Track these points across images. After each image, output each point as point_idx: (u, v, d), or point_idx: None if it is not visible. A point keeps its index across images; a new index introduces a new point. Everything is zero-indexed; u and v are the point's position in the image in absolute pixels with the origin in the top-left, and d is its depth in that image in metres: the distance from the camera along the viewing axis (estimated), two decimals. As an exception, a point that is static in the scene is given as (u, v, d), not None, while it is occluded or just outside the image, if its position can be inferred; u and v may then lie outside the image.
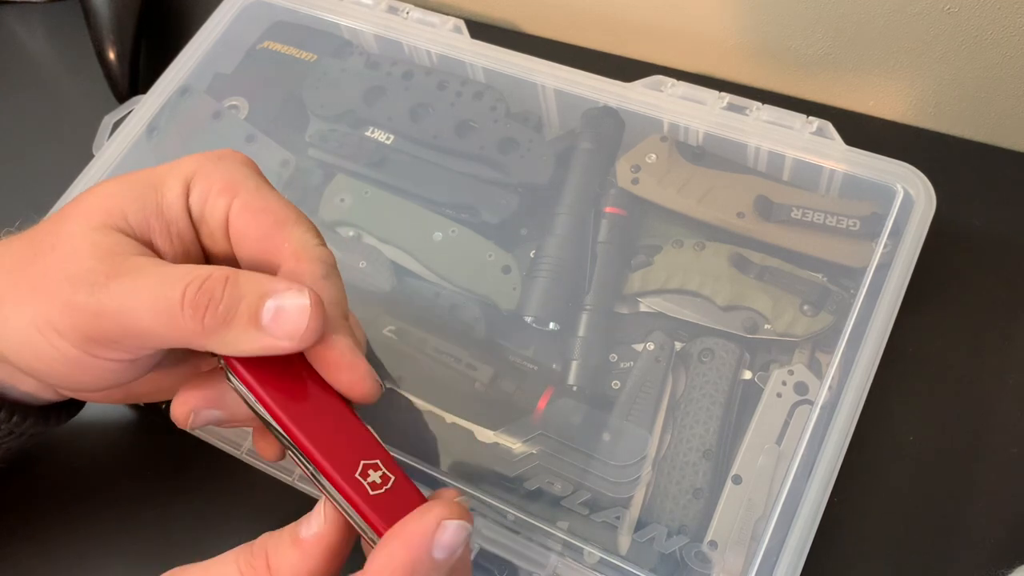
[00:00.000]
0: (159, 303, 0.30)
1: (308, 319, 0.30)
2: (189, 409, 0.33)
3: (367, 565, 0.29)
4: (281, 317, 0.30)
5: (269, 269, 0.33)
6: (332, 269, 0.33)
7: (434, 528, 0.28)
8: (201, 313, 0.30)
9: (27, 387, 0.36)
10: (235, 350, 0.31)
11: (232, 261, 0.34)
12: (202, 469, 0.44)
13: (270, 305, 0.30)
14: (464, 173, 0.47)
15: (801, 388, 0.40)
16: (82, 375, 0.33)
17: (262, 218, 0.33)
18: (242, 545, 0.31)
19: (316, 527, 0.30)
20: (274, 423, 0.31)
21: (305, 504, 0.40)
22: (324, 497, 0.31)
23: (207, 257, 0.35)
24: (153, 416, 0.41)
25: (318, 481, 0.31)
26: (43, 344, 0.31)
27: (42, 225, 0.34)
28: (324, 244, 0.33)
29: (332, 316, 0.31)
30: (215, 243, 0.34)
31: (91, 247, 0.31)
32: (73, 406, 0.41)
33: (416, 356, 0.43)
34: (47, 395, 0.37)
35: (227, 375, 0.32)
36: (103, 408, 0.46)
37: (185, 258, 0.33)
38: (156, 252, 0.33)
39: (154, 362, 0.34)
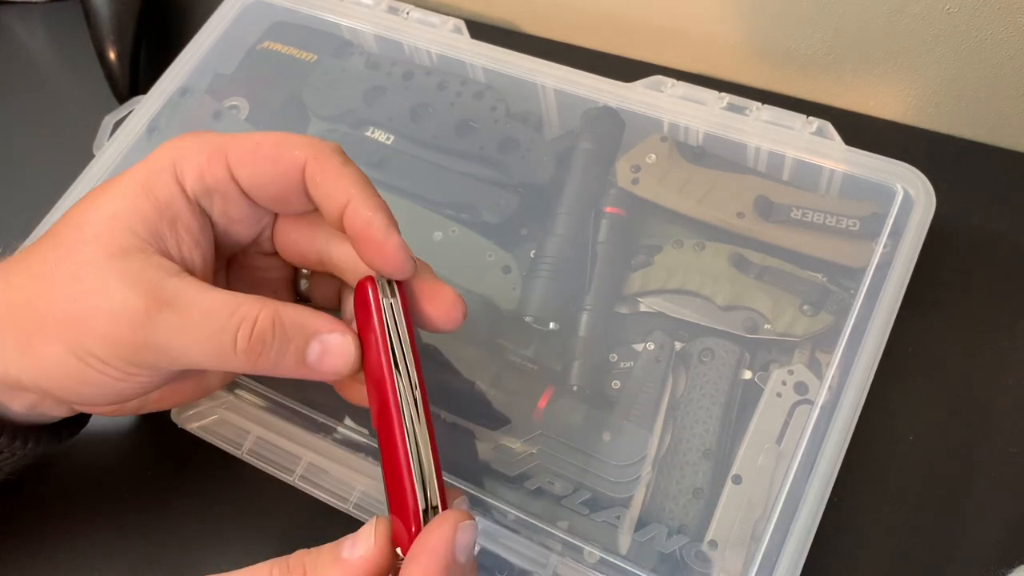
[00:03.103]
0: (210, 344, 0.31)
1: (349, 357, 0.32)
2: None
3: None
4: (325, 357, 0.32)
5: (298, 199, 0.34)
6: (346, 156, 0.34)
7: (454, 535, 0.30)
8: (254, 360, 0.32)
9: (43, 409, 0.36)
10: (280, 375, 0.33)
11: (254, 216, 0.35)
12: (202, 469, 0.44)
13: (315, 347, 0.32)
14: (464, 173, 0.47)
15: (801, 388, 0.40)
16: (124, 389, 0.33)
17: (264, 151, 0.33)
18: (276, 559, 0.31)
19: (363, 550, 0.30)
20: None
21: (305, 504, 0.40)
22: (375, 519, 0.31)
23: (227, 228, 0.35)
24: (154, 416, 0.41)
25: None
26: (88, 371, 0.32)
27: (45, 251, 0.33)
28: (326, 140, 0.34)
29: (365, 194, 0.33)
30: (234, 206, 0.34)
31: (119, 277, 0.31)
32: (81, 420, 0.41)
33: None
34: (58, 413, 0.37)
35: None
36: (103, 408, 0.46)
37: (196, 246, 0.34)
38: (172, 255, 0.33)
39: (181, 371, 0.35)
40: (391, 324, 0.32)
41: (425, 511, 0.31)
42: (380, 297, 0.33)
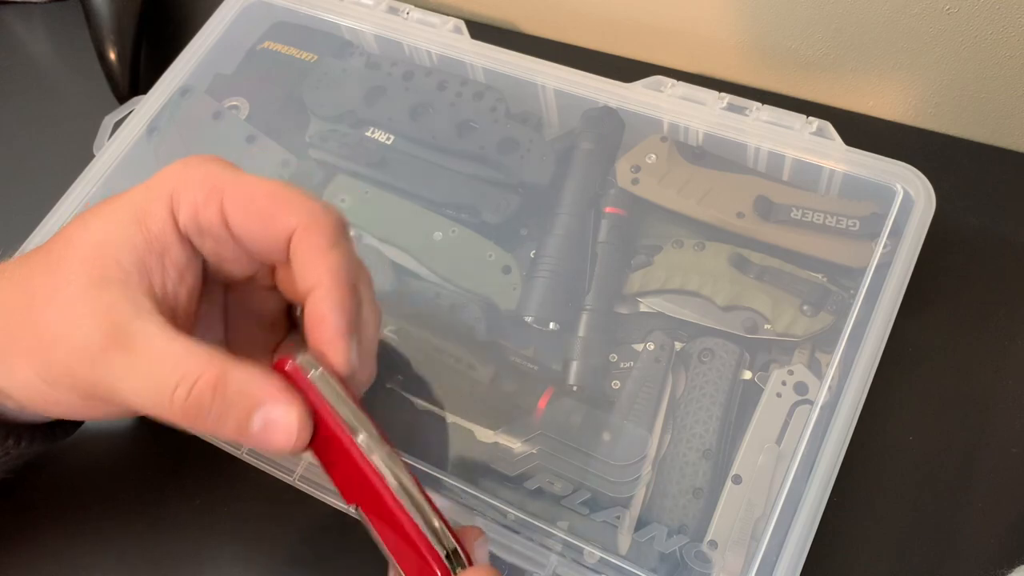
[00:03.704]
0: (150, 395, 0.30)
1: (291, 434, 0.30)
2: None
3: None
4: (269, 430, 0.30)
5: (282, 255, 0.33)
6: (341, 234, 0.32)
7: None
8: (191, 419, 0.30)
9: (32, 410, 0.36)
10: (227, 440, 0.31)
11: (247, 258, 0.34)
12: (202, 469, 0.44)
13: (257, 419, 0.30)
14: (464, 173, 0.47)
15: (801, 388, 0.40)
16: (92, 415, 0.34)
17: (258, 206, 0.32)
18: None
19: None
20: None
21: (305, 504, 0.40)
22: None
23: (220, 264, 0.34)
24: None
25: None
26: (55, 394, 0.32)
27: (35, 265, 0.33)
28: (329, 207, 0.33)
29: (334, 286, 0.31)
30: (226, 249, 0.34)
31: (89, 308, 0.31)
32: (75, 422, 0.41)
33: (416, 356, 0.43)
34: (52, 415, 0.37)
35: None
36: (103, 408, 0.46)
37: (181, 282, 0.33)
38: (155, 288, 0.32)
39: None
40: (328, 393, 0.31)
41: (448, 557, 0.30)
42: (305, 376, 0.31)
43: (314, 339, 0.32)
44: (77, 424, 0.41)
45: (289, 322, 0.39)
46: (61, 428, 0.40)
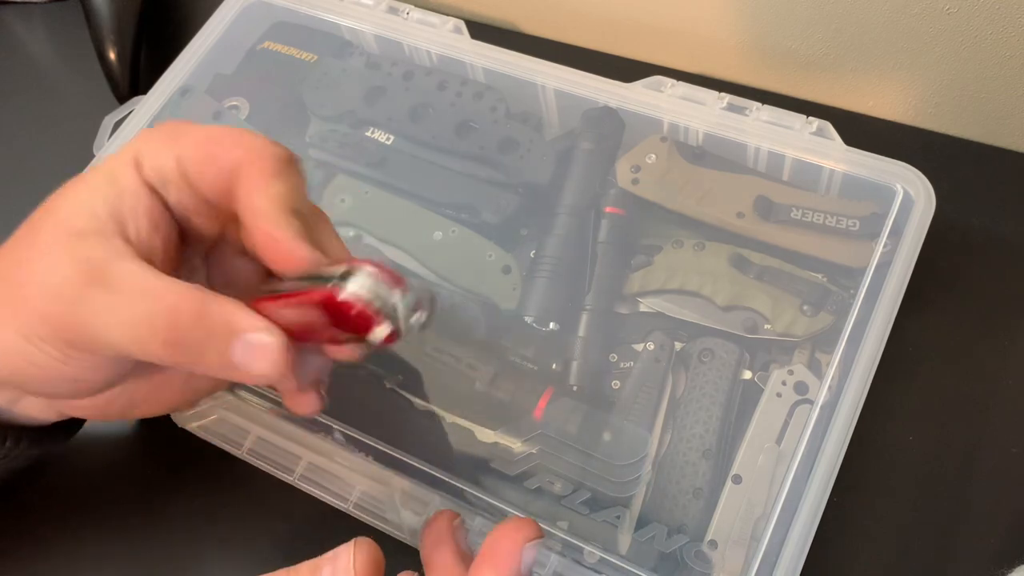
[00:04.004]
0: (132, 329, 0.30)
1: (273, 359, 0.31)
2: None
3: None
4: (250, 356, 0.31)
5: (232, 195, 0.33)
6: (285, 165, 0.33)
7: (522, 548, 0.31)
8: (171, 350, 0.30)
9: (28, 410, 0.36)
10: (207, 374, 0.32)
11: (210, 208, 0.34)
12: (202, 469, 0.44)
13: (238, 346, 0.31)
14: (464, 173, 0.47)
15: (801, 388, 0.40)
16: (73, 375, 0.33)
17: (207, 148, 0.33)
18: None
19: None
20: None
21: (305, 504, 0.40)
22: (354, 546, 0.30)
23: (187, 219, 0.35)
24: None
25: None
26: (35, 352, 0.32)
27: (19, 235, 0.34)
28: (275, 143, 0.33)
29: (276, 209, 0.31)
30: (186, 197, 0.34)
31: (68, 255, 0.31)
32: (73, 425, 0.40)
33: (416, 356, 0.43)
34: (47, 416, 0.37)
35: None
36: (103, 408, 0.46)
37: (156, 231, 0.33)
38: (131, 239, 0.33)
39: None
40: (281, 286, 0.31)
41: (336, 283, 0.30)
42: (262, 298, 0.32)
43: (272, 263, 0.32)
44: (76, 426, 0.41)
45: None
46: (60, 430, 0.39)
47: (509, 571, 0.31)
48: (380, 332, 0.30)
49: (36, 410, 0.36)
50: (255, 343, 0.31)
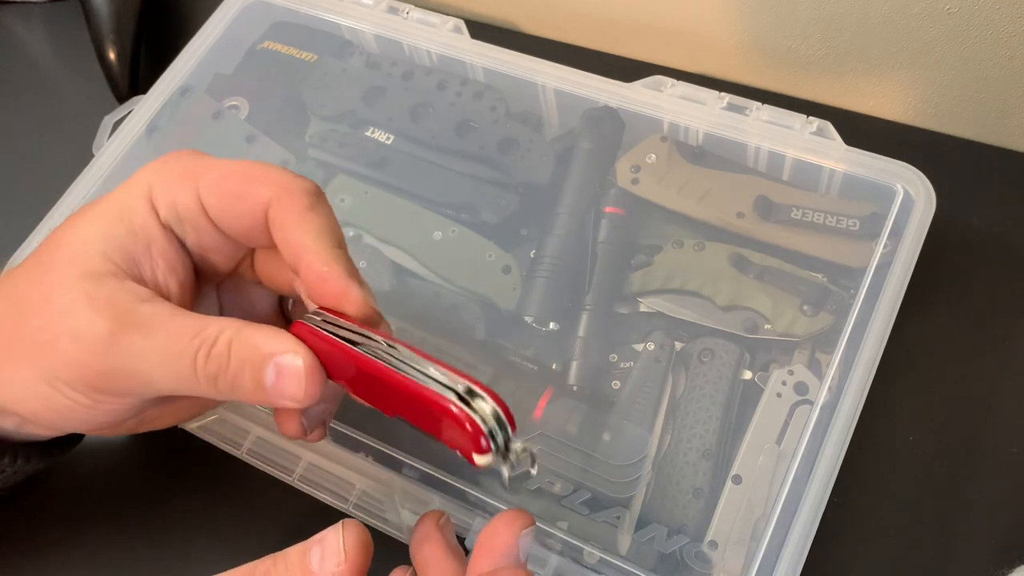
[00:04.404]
0: (173, 368, 0.31)
1: (300, 379, 0.31)
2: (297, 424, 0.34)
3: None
4: (280, 380, 0.31)
5: (266, 237, 0.33)
6: (316, 199, 0.32)
7: (519, 537, 0.31)
8: (213, 382, 0.31)
9: (32, 429, 0.36)
10: (243, 401, 0.32)
11: (229, 245, 0.34)
12: (202, 469, 0.44)
13: (271, 370, 0.31)
14: (464, 173, 0.47)
15: (801, 388, 0.40)
16: (96, 418, 0.33)
17: (231, 186, 0.32)
18: (241, 567, 0.31)
19: (334, 564, 0.29)
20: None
21: (305, 504, 0.40)
22: (343, 528, 0.30)
23: (203, 256, 0.34)
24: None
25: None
26: (57, 397, 0.32)
27: (28, 271, 0.33)
28: (301, 177, 0.33)
29: (321, 246, 0.32)
30: (206, 236, 0.34)
31: (88, 300, 0.31)
32: (74, 438, 0.40)
33: (416, 356, 0.43)
34: (47, 433, 0.37)
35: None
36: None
37: (172, 273, 0.33)
38: (146, 281, 0.32)
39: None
40: (326, 327, 0.31)
41: (461, 397, 0.29)
42: (307, 324, 0.32)
43: (320, 297, 0.32)
44: (74, 442, 0.40)
45: (283, 319, 0.39)
46: (58, 446, 0.39)
47: (509, 560, 0.31)
48: (483, 460, 0.29)
49: (37, 429, 0.36)
50: (283, 366, 0.31)
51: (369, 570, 0.30)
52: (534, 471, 0.30)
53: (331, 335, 0.31)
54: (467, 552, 0.34)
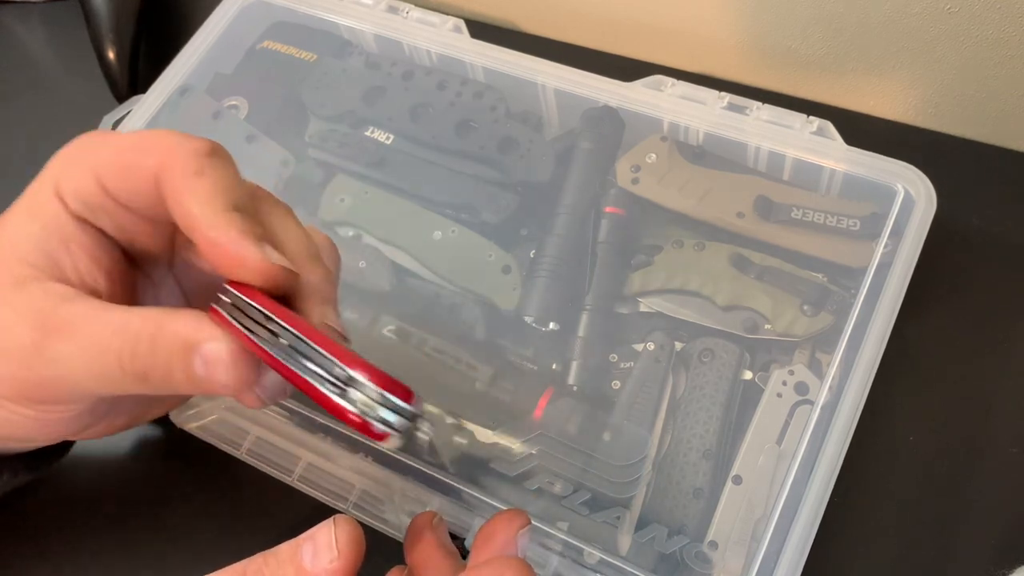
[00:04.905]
0: (100, 369, 0.29)
1: (225, 365, 0.29)
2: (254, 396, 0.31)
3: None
4: (210, 368, 0.29)
5: (164, 206, 0.30)
6: (207, 159, 0.30)
7: (516, 535, 0.32)
8: (142, 379, 0.29)
9: (2, 444, 0.35)
10: (181, 393, 0.31)
11: (148, 224, 0.32)
12: (202, 469, 0.44)
13: (198, 360, 0.29)
14: (464, 173, 0.47)
15: (801, 388, 0.40)
16: (51, 427, 0.32)
17: (123, 159, 0.30)
18: (233, 566, 0.30)
19: (327, 560, 0.28)
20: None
21: (305, 504, 0.40)
22: (335, 524, 0.29)
23: (130, 240, 0.33)
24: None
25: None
26: (3, 413, 0.31)
27: None
28: (191, 137, 0.31)
29: (209, 210, 0.29)
30: (121, 218, 0.31)
31: (11, 310, 0.30)
32: (65, 446, 0.40)
33: (416, 356, 0.43)
34: (21, 446, 0.36)
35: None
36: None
37: (96, 264, 0.31)
38: (69, 278, 0.31)
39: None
40: (232, 313, 0.29)
41: (343, 390, 0.27)
42: (220, 312, 0.29)
43: (221, 270, 0.30)
44: (62, 452, 0.40)
45: None
46: (45, 458, 0.38)
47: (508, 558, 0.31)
48: (387, 444, 0.28)
49: (13, 443, 0.35)
50: (207, 354, 0.29)
51: (369, 571, 0.30)
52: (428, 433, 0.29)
53: (233, 321, 0.29)
54: (466, 553, 0.34)
